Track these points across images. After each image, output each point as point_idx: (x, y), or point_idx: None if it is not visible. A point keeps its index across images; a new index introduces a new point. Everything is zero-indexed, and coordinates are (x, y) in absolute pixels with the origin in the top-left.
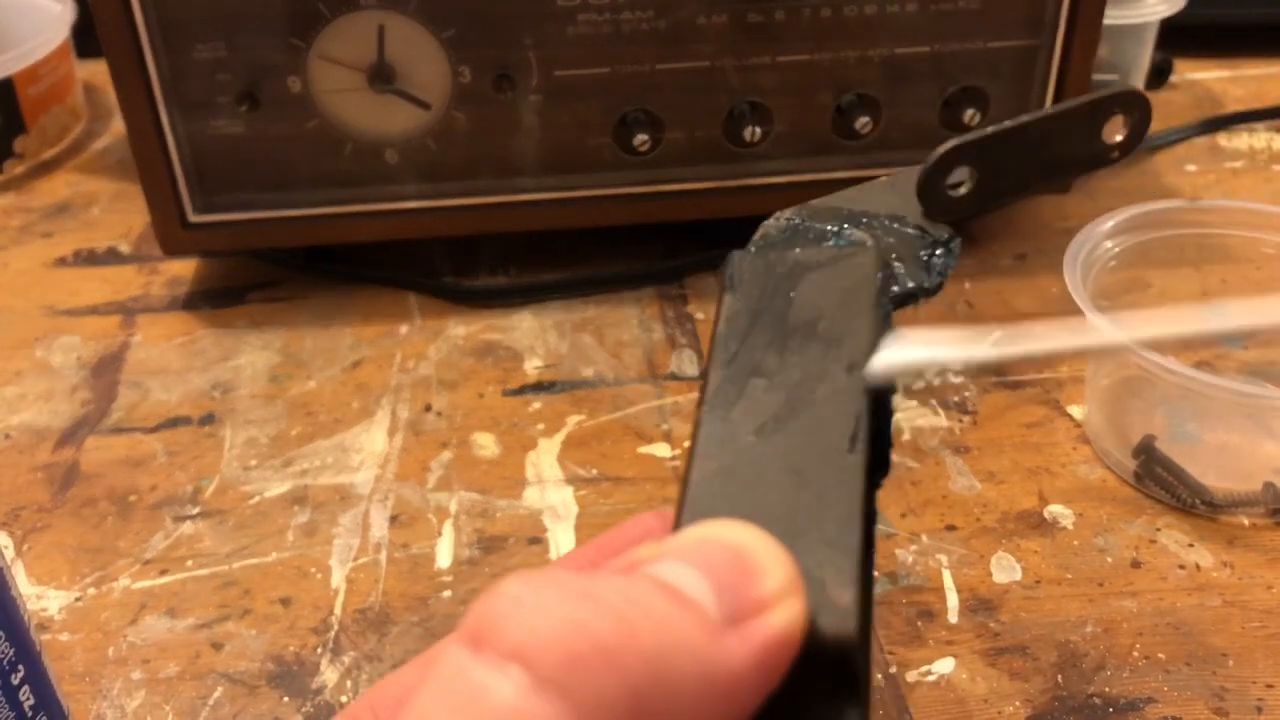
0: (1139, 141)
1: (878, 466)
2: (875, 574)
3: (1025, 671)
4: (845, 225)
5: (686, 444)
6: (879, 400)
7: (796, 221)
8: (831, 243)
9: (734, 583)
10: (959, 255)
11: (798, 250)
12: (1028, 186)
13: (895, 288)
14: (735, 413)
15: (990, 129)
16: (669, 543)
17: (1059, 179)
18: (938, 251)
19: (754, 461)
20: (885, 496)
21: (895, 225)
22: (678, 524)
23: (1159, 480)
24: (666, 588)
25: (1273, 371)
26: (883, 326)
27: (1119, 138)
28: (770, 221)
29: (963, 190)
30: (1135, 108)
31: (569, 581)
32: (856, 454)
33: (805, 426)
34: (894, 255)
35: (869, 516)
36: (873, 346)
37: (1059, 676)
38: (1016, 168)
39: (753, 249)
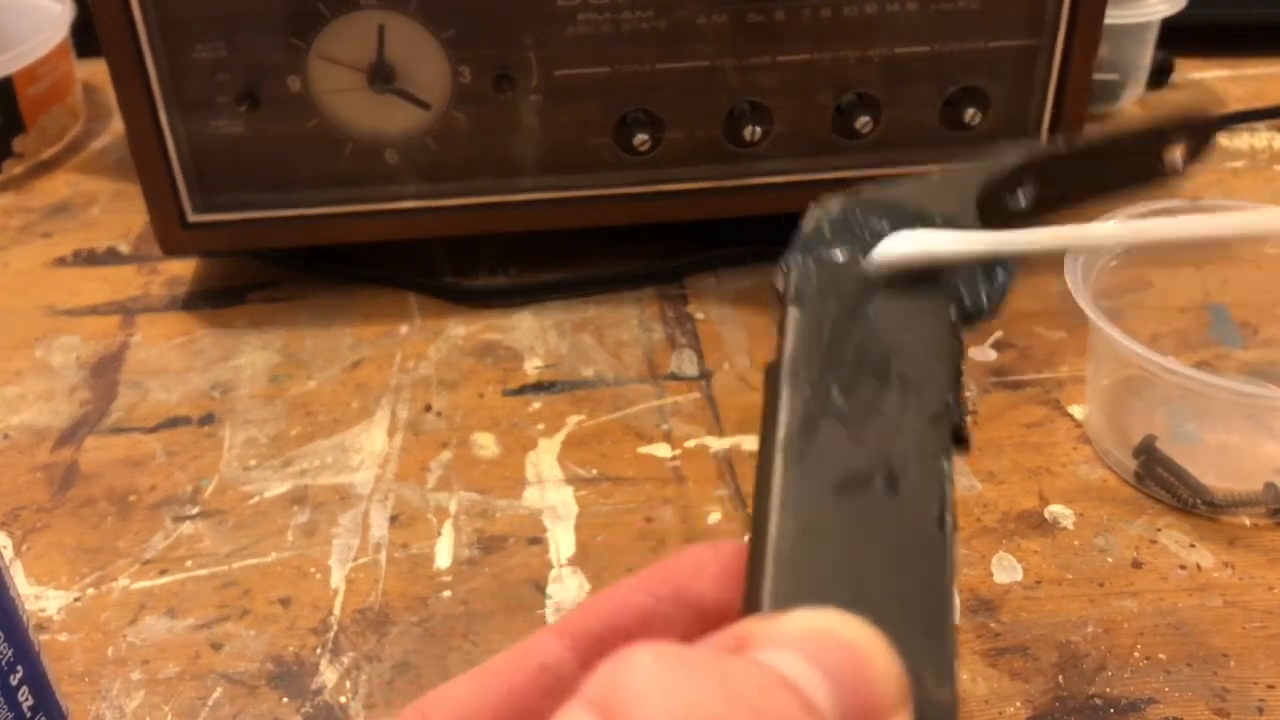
0: (1198, 161)
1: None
2: None
3: (1026, 672)
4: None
5: (751, 481)
6: (956, 439)
7: (849, 216)
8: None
9: (854, 689)
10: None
11: (863, 263)
12: (1078, 202)
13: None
14: (812, 460)
15: (1060, 145)
16: (780, 626)
17: (1110, 196)
18: (998, 271)
19: (839, 527)
20: None
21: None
22: (758, 584)
23: (1160, 480)
24: (792, 687)
25: (1273, 371)
26: (959, 368)
27: (1179, 160)
28: (819, 212)
29: (1023, 203)
30: (1202, 134)
31: (702, 663)
32: (945, 534)
33: (890, 490)
34: (955, 274)
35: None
36: (953, 394)
37: (1060, 677)
38: (1073, 184)
39: (808, 253)
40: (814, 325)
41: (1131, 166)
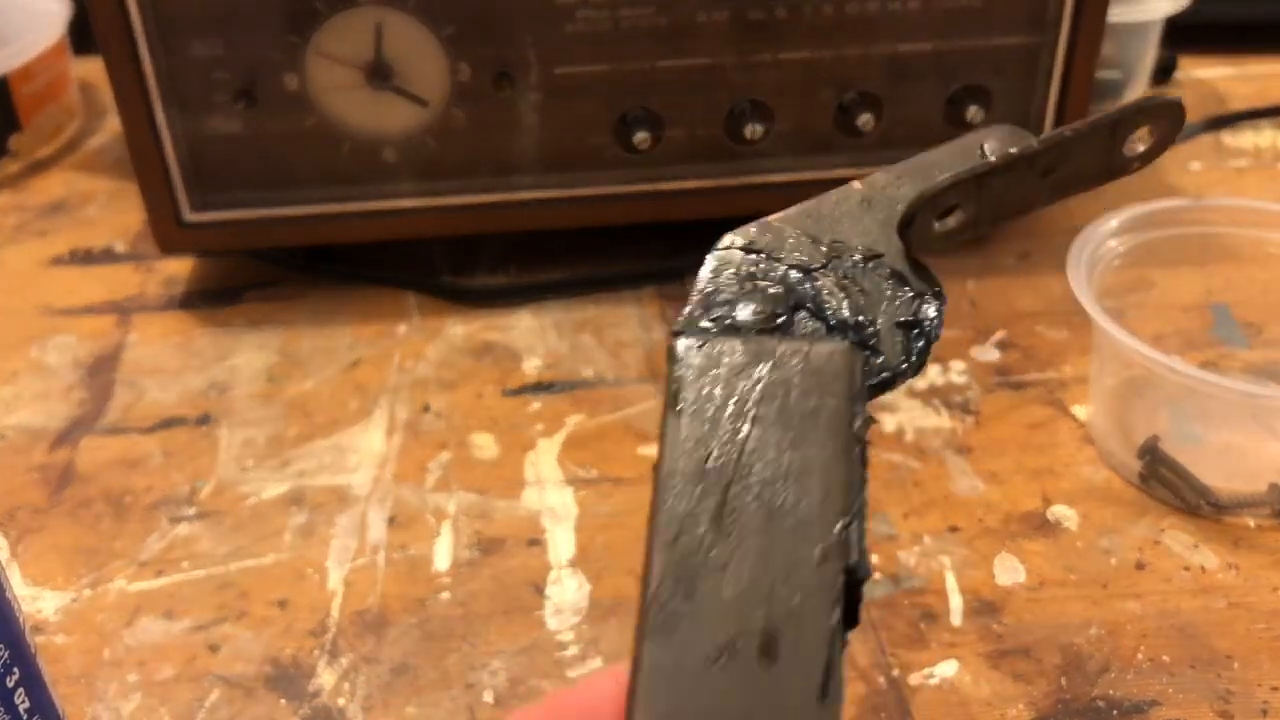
0: (1164, 150)
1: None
2: (877, 576)
3: (1029, 674)
4: (810, 297)
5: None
6: (851, 584)
7: (757, 259)
8: (801, 324)
9: None
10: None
11: (755, 342)
12: (1031, 207)
13: (870, 379)
14: (684, 629)
15: (992, 160)
16: None
17: (1068, 196)
18: (923, 318)
19: (708, 709)
20: (888, 497)
21: (870, 267)
22: None
23: (1163, 481)
24: None
25: (1278, 371)
26: (861, 472)
27: (1142, 149)
28: (720, 257)
29: (952, 223)
30: (1165, 117)
31: None
32: (828, 708)
33: (766, 658)
34: (869, 331)
35: None
36: (850, 523)
37: (1063, 679)
38: (1020, 191)
39: (696, 329)
40: (695, 441)
41: (1088, 162)
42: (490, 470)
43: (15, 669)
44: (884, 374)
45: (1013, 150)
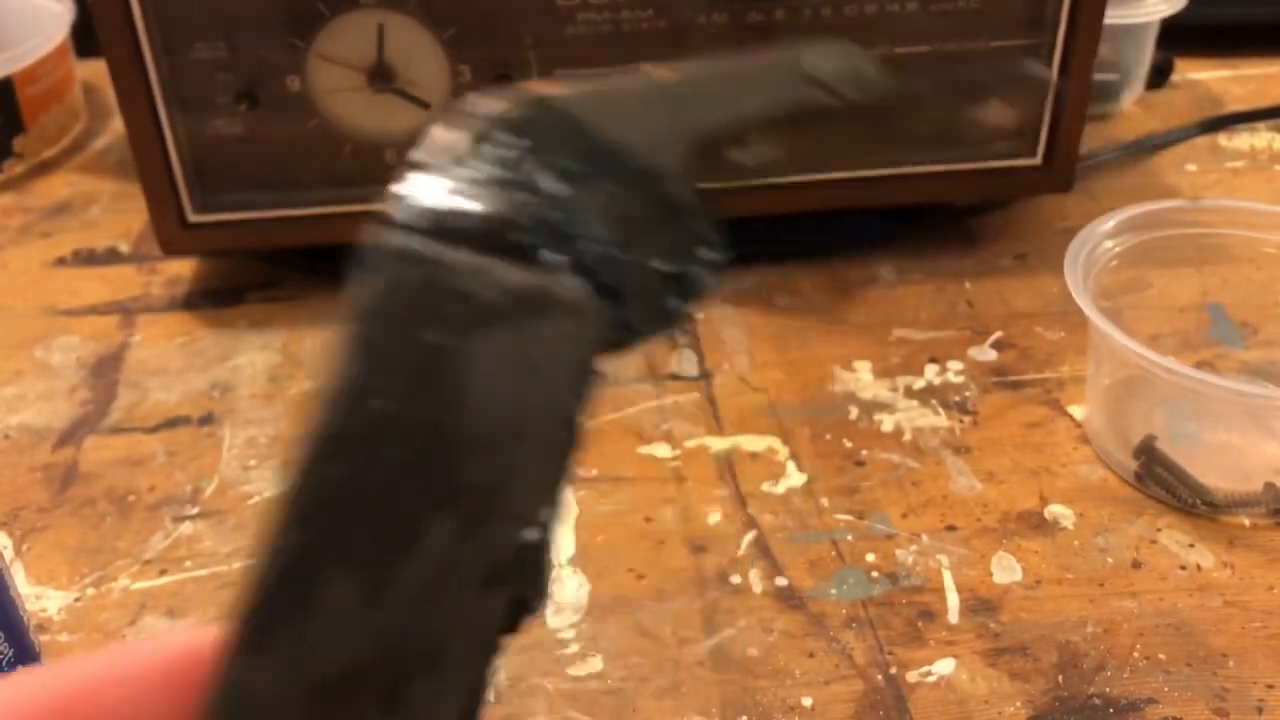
0: (1017, 132)
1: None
2: (876, 574)
3: (1026, 672)
4: (563, 212)
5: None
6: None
7: (501, 151)
8: (528, 267)
9: None
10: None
11: (474, 265)
12: (845, 159)
13: (604, 337)
14: (286, 644)
15: (826, 101)
16: None
17: (894, 159)
18: (688, 269)
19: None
20: (886, 496)
21: (644, 188)
22: None
23: (1160, 480)
24: None
25: (1273, 371)
26: (561, 474)
27: (994, 122)
28: (472, 135)
29: (750, 161)
30: (1030, 92)
31: None
32: None
33: (390, 704)
34: (617, 268)
35: None
36: (533, 524)
37: (1060, 677)
38: (843, 139)
39: (407, 231)
40: (370, 388)
41: (922, 124)
42: None
43: (19, 667)
44: (625, 331)
45: (850, 92)
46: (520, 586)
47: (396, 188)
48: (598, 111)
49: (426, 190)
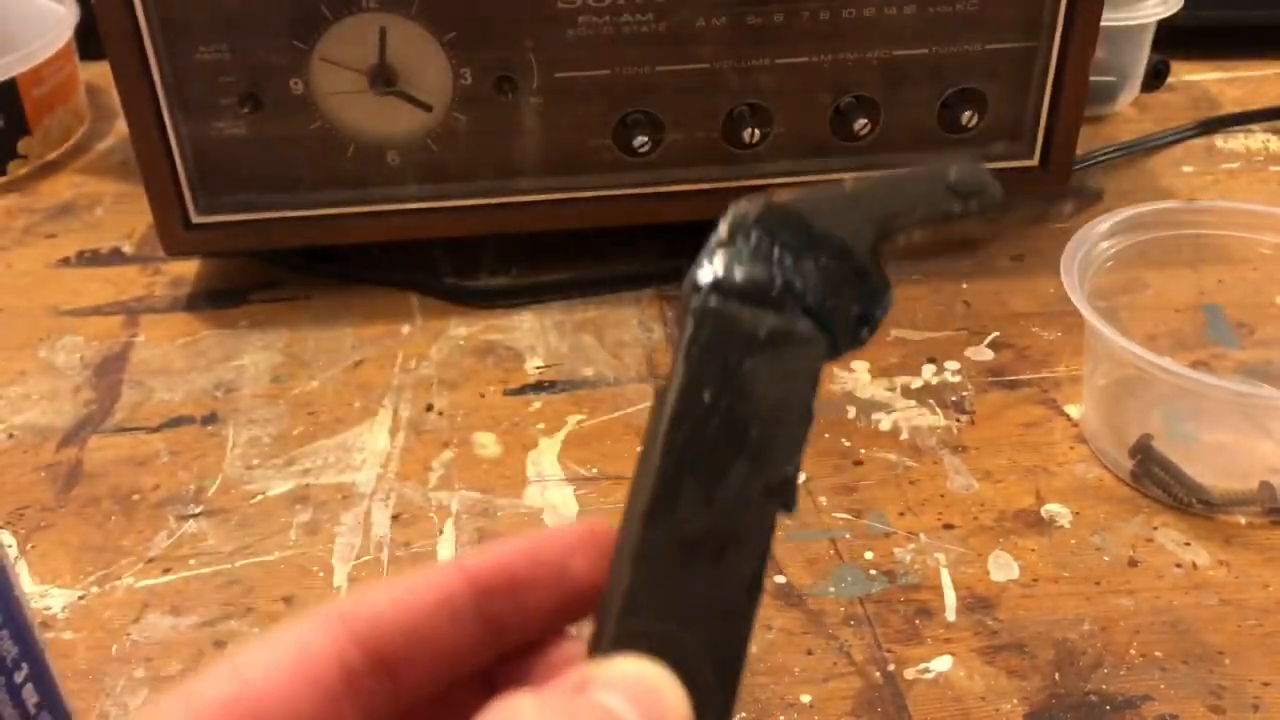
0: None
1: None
2: (874, 572)
3: (1023, 669)
4: (795, 277)
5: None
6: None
7: (762, 233)
8: (782, 315)
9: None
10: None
11: (750, 315)
12: (967, 237)
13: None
14: (666, 523)
15: (957, 211)
16: (609, 673)
17: (998, 234)
18: (874, 312)
19: (673, 586)
20: (884, 495)
21: (843, 260)
22: (603, 628)
23: (1156, 479)
24: (615, 717)
25: (1269, 371)
26: (805, 435)
27: (1068, 210)
28: (735, 222)
29: (901, 242)
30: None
31: (560, 706)
32: (752, 603)
33: (716, 559)
34: (835, 317)
35: (745, 655)
36: (793, 465)
37: (1056, 674)
38: (965, 227)
39: (715, 292)
40: (697, 387)
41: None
42: (492, 469)
43: (24, 665)
44: (834, 352)
45: (974, 205)
46: (783, 500)
47: (702, 262)
48: (813, 210)
49: (718, 265)
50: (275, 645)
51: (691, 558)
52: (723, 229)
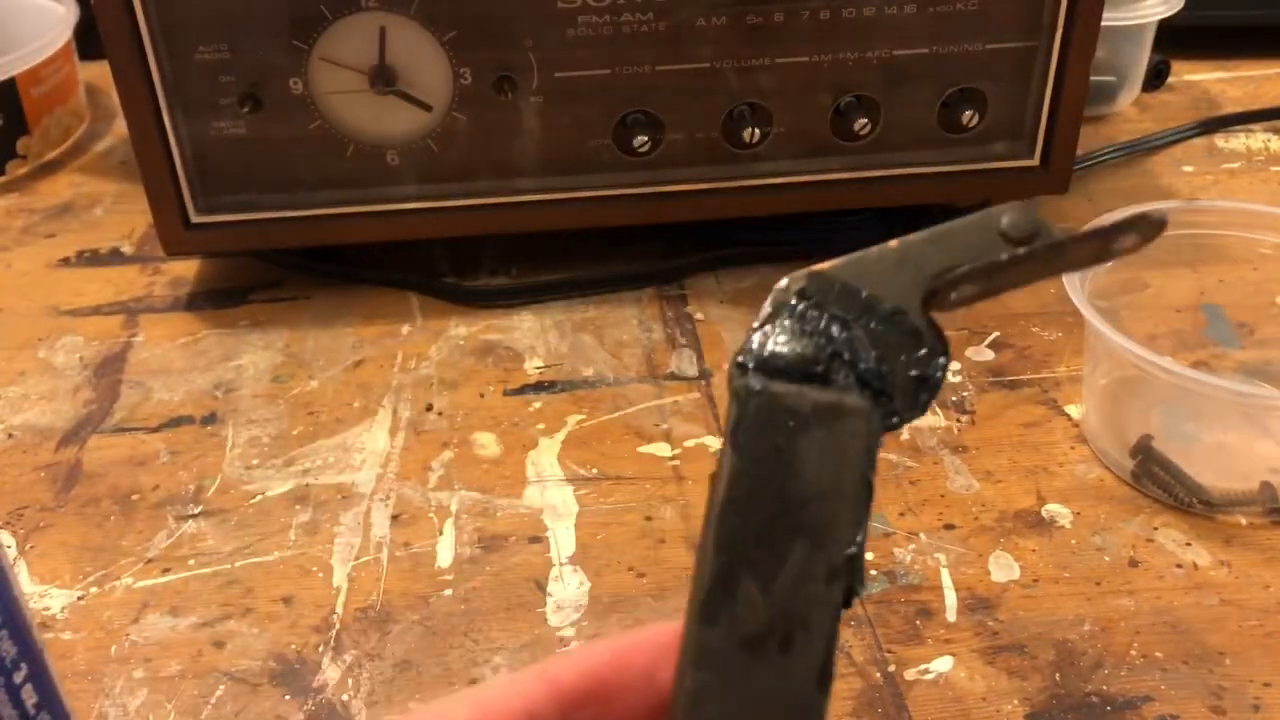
0: (1143, 247)
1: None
2: (874, 572)
3: (1023, 670)
4: (846, 346)
5: (680, 635)
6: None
7: (808, 307)
8: (830, 388)
9: None
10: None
11: (796, 392)
12: (1025, 284)
13: (884, 424)
14: (725, 620)
15: (1005, 260)
16: None
17: (1055, 276)
18: (932, 374)
19: (740, 684)
20: (884, 495)
21: (894, 323)
22: None
23: (1156, 480)
24: None
25: (1269, 371)
26: (867, 511)
27: (1127, 247)
28: (778, 299)
29: (953, 298)
30: (1151, 227)
31: None
32: (823, 693)
33: (783, 650)
34: (890, 381)
35: None
36: (856, 545)
37: (1057, 675)
38: (1019, 273)
39: (759, 371)
40: (746, 473)
41: (1074, 259)
42: (492, 469)
43: (23, 665)
44: (893, 419)
45: (1022, 251)
46: (849, 580)
47: (746, 344)
48: (858, 275)
49: (760, 343)
50: None
51: (755, 653)
52: (767, 306)
